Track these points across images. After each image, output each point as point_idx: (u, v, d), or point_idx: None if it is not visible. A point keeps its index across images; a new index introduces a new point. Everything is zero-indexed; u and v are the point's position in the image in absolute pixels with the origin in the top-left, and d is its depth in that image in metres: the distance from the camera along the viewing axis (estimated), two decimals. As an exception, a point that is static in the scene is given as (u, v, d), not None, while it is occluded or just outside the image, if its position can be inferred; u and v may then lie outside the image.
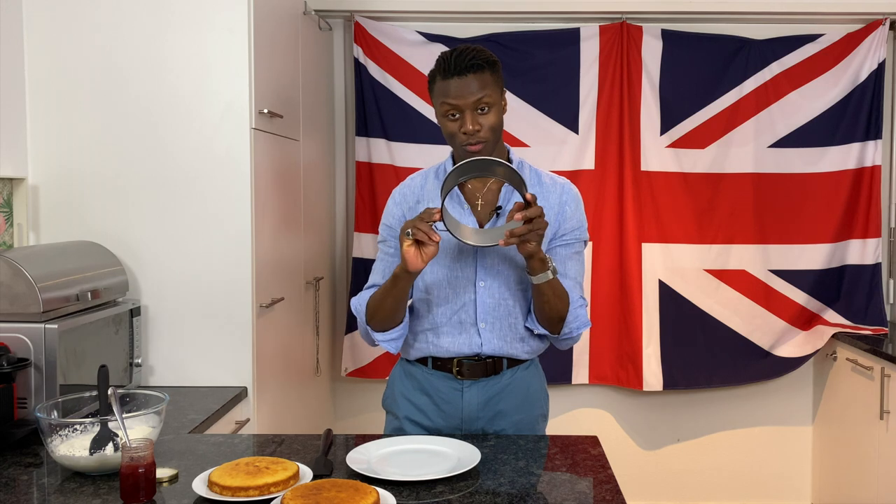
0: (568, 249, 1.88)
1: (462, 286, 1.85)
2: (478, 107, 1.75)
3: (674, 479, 3.68)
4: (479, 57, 1.76)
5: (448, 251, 1.84)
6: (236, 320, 2.39)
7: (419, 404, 1.91)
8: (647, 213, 3.46)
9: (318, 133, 3.25)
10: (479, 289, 1.84)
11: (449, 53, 1.78)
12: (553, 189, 1.89)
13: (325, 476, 1.54)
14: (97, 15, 2.36)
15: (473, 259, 1.84)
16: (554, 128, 3.46)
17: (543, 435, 1.88)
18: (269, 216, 2.54)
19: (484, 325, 1.85)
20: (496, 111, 1.78)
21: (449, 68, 1.76)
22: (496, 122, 1.78)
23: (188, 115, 2.36)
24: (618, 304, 3.50)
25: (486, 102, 1.75)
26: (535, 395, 1.93)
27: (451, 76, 1.75)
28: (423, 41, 3.43)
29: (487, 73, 1.76)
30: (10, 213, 2.37)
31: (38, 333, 1.87)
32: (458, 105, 1.75)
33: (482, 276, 1.84)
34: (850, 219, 3.47)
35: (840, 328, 3.43)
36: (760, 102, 3.45)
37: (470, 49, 1.77)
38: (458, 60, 1.75)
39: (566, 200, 1.88)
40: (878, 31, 3.40)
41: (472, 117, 1.75)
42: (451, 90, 1.75)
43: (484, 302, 1.84)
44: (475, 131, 1.75)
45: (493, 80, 1.77)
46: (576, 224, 1.88)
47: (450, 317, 1.86)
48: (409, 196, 1.92)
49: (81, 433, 1.62)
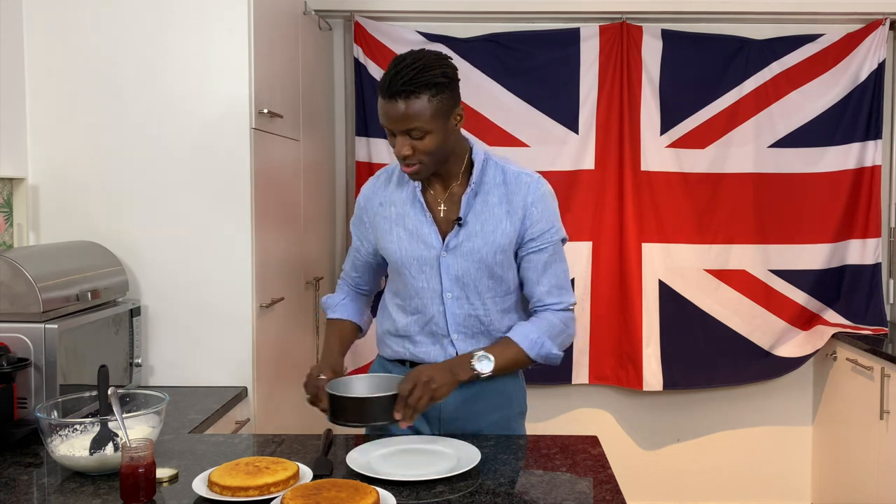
0: (541, 255, 1.81)
1: (429, 297, 1.82)
2: (409, 132, 1.66)
3: (674, 479, 3.68)
4: (414, 82, 1.62)
5: (411, 263, 1.81)
6: (236, 320, 2.38)
7: None
8: (647, 213, 3.46)
9: (318, 133, 3.25)
10: (448, 300, 1.81)
11: (391, 67, 1.66)
12: (517, 190, 1.80)
13: (325, 476, 1.54)
14: (97, 15, 2.36)
15: (437, 271, 1.80)
16: (554, 128, 3.46)
17: (542, 435, 1.88)
18: (269, 216, 2.54)
19: (457, 336, 1.83)
20: (434, 137, 1.66)
21: (383, 88, 1.65)
22: (433, 147, 1.67)
23: (188, 115, 2.36)
24: (618, 304, 3.50)
25: (417, 129, 1.65)
26: (512, 393, 1.91)
27: (385, 97, 1.64)
28: (423, 41, 3.43)
29: (424, 98, 1.63)
30: (10, 213, 2.37)
31: (38, 333, 1.87)
32: (390, 128, 1.68)
33: (449, 288, 1.81)
34: (850, 219, 3.47)
35: (840, 328, 3.42)
36: (760, 102, 3.45)
37: (409, 69, 1.63)
38: (393, 82, 1.63)
39: (532, 202, 1.79)
40: (878, 31, 3.40)
41: (403, 142, 1.67)
42: (384, 111, 1.66)
43: (454, 313, 1.82)
44: (406, 156, 1.68)
45: (431, 107, 1.64)
46: (545, 226, 1.80)
47: (422, 327, 1.84)
48: (373, 199, 1.90)
49: (81, 433, 1.62)
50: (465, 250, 1.79)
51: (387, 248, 1.85)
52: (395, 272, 1.88)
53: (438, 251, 1.79)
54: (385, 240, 1.85)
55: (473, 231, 1.78)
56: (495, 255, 1.79)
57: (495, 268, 1.80)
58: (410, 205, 1.82)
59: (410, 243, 1.81)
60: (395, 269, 1.86)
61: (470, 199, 1.79)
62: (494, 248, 1.78)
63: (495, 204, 1.79)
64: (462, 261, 1.79)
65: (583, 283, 3.49)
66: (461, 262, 1.79)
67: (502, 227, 1.78)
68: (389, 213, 1.85)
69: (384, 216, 1.86)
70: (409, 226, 1.82)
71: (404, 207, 1.83)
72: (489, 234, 1.78)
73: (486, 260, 1.78)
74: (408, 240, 1.81)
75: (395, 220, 1.84)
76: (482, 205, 1.79)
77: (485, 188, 1.80)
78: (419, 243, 1.81)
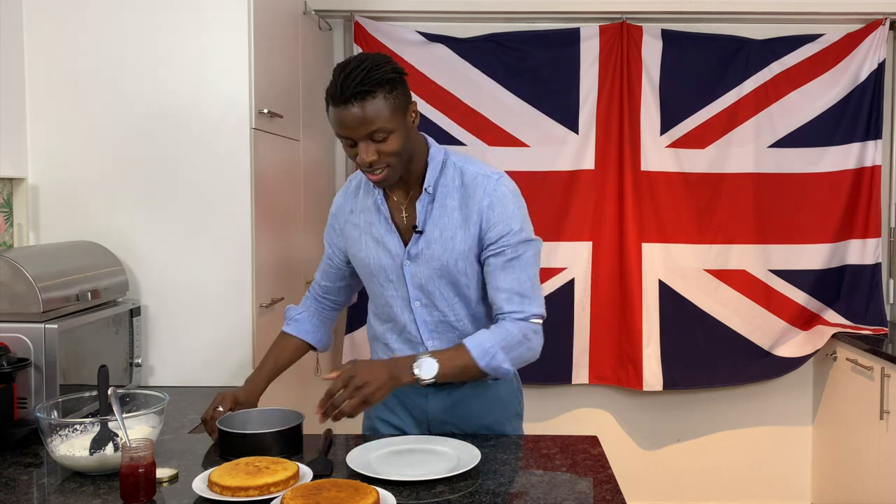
0: (499, 258, 1.71)
1: (399, 306, 1.79)
2: (371, 136, 1.59)
3: (674, 479, 3.68)
4: (367, 81, 1.55)
5: (379, 272, 1.79)
6: (236, 320, 2.39)
7: (388, 404, 1.89)
8: (647, 213, 3.46)
9: (318, 133, 3.25)
10: (416, 308, 1.78)
11: (337, 74, 1.58)
12: (473, 193, 1.72)
13: (325, 476, 1.54)
14: (97, 15, 2.36)
15: (403, 279, 1.77)
16: (554, 128, 3.46)
17: (542, 435, 1.88)
18: (269, 216, 2.54)
19: (432, 343, 1.79)
20: (397, 135, 1.61)
21: (335, 95, 1.57)
22: (398, 146, 1.61)
23: (188, 115, 2.36)
24: (618, 304, 3.50)
25: (380, 130, 1.58)
26: (505, 395, 1.87)
27: (339, 104, 1.57)
28: (423, 41, 3.43)
29: (380, 97, 1.56)
30: (10, 213, 2.37)
31: (38, 333, 1.87)
32: (349, 136, 1.60)
33: (416, 296, 1.77)
34: (850, 219, 3.47)
35: (840, 328, 3.42)
36: (760, 102, 3.45)
37: (358, 70, 1.56)
38: (344, 86, 1.55)
39: (488, 204, 1.70)
40: (878, 31, 3.40)
41: (367, 148, 1.60)
42: (340, 119, 1.58)
43: (424, 320, 1.79)
44: (372, 161, 1.61)
45: (389, 104, 1.58)
46: (503, 229, 1.70)
47: (398, 334, 1.83)
48: (344, 206, 1.87)
49: (81, 433, 1.62)
50: (426, 258, 1.74)
51: (357, 257, 1.83)
52: (367, 281, 1.85)
53: (401, 259, 1.76)
54: (355, 248, 1.83)
55: (432, 238, 1.73)
56: (456, 263, 1.73)
57: (458, 275, 1.75)
58: (375, 213, 1.79)
59: (377, 252, 1.78)
60: (366, 278, 1.84)
61: (426, 205, 1.73)
62: (455, 255, 1.73)
63: (454, 208, 1.73)
64: (424, 268, 1.75)
65: (583, 283, 3.49)
66: (424, 270, 1.75)
67: (461, 234, 1.72)
68: (359, 221, 1.82)
69: (354, 224, 1.83)
70: (375, 234, 1.79)
71: (370, 215, 1.80)
72: (448, 240, 1.73)
73: (448, 267, 1.74)
74: (374, 248, 1.79)
75: (363, 228, 1.81)
76: (440, 210, 1.73)
77: (442, 192, 1.74)
78: (384, 252, 1.78)
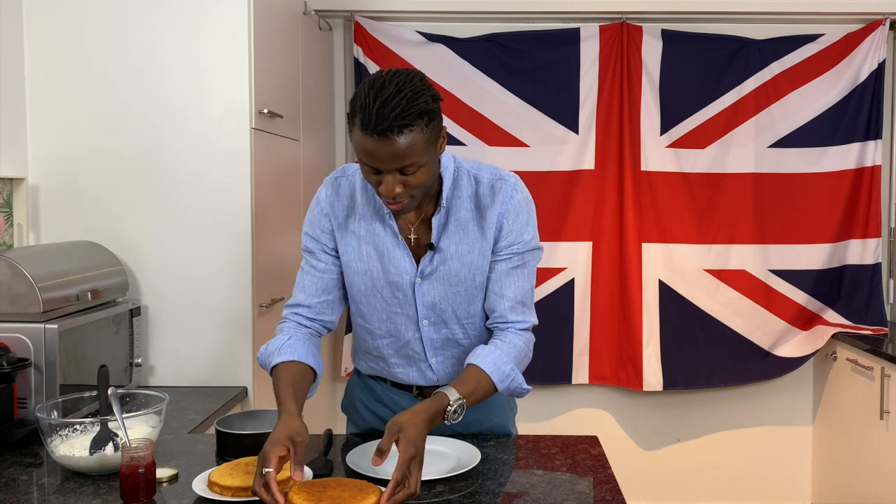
0: (506, 264, 1.66)
1: (404, 324, 1.69)
2: (401, 170, 1.46)
3: (674, 479, 3.68)
4: (407, 114, 1.40)
5: (384, 287, 1.67)
6: (236, 320, 2.39)
7: (381, 415, 1.82)
8: (647, 213, 3.46)
9: (318, 133, 3.25)
10: (424, 327, 1.69)
11: (370, 98, 1.41)
12: (491, 202, 1.64)
13: (325, 476, 1.54)
14: (97, 15, 2.36)
15: (412, 298, 1.67)
16: (554, 128, 3.46)
17: (542, 435, 1.88)
18: (269, 216, 2.54)
19: (436, 361, 1.73)
20: (427, 169, 1.48)
21: (368, 123, 1.40)
22: (426, 179, 1.49)
23: (188, 115, 2.36)
24: (618, 304, 3.50)
25: (412, 165, 1.45)
26: (503, 399, 1.83)
27: (373, 133, 1.40)
28: (423, 41, 3.43)
29: (417, 129, 1.42)
30: (10, 213, 2.37)
31: (38, 333, 1.87)
32: (378, 167, 1.45)
33: (426, 315, 1.68)
34: (850, 219, 3.47)
35: (840, 328, 3.42)
36: (760, 102, 3.45)
37: (397, 99, 1.40)
38: (381, 117, 1.39)
39: (504, 212, 1.64)
40: (878, 31, 3.40)
41: (393, 180, 1.46)
42: (370, 149, 1.43)
43: (431, 339, 1.71)
44: (398, 194, 1.48)
45: (424, 137, 1.44)
46: (514, 238, 1.65)
47: (396, 350, 1.73)
48: (337, 206, 1.69)
49: (81, 433, 1.62)
50: (441, 275, 1.65)
51: (353, 267, 1.68)
52: (361, 294, 1.70)
53: (413, 277, 1.66)
54: (352, 256, 1.68)
55: (448, 254, 1.64)
56: (474, 278, 1.66)
57: (475, 290, 1.67)
58: (381, 224, 1.65)
59: (383, 265, 1.66)
60: (363, 292, 1.69)
61: (441, 221, 1.64)
62: (473, 270, 1.65)
63: (468, 220, 1.64)
64: (438, 286, 1.66)
65: (583, 283, 3.49)
66: (437, 288, 1.66)
67: (478, 247, 1.65)
68: (358, 229, 1.67)
69: (352, 231, 1.68)
70: (381, 247, 1.66)
71: (373, 226, 1.66)
72: (465, 255, 1.64)
73: (465, 283, 1.66)
74: (379, 261, 1.66)
75: (365, 237, 1.66)
76: (455, 224, 1.65)
77: (456, 204, 1.65)
78: (391, 266, 1.65)
